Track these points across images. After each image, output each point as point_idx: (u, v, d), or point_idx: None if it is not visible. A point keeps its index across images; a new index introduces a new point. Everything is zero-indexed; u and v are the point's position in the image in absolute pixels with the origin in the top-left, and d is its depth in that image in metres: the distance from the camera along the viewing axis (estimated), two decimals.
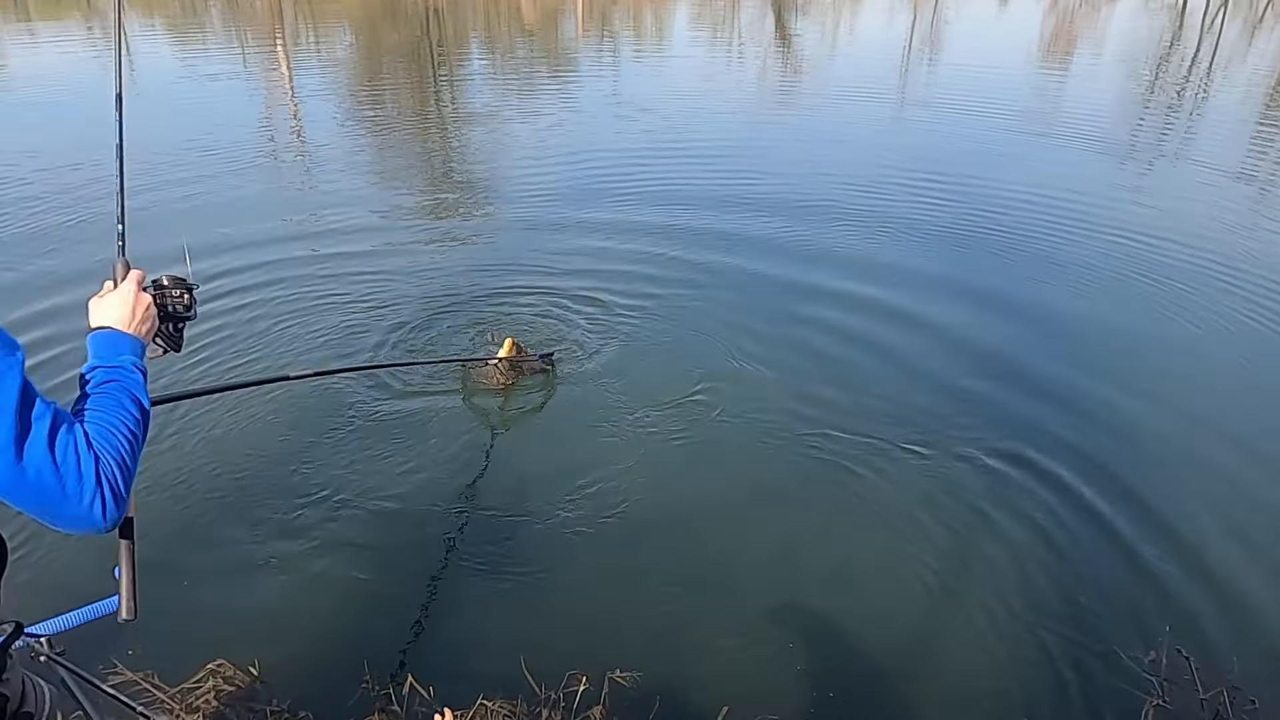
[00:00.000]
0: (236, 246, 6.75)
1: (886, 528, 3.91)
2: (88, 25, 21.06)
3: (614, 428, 4.56)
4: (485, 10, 27.18)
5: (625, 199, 8.25)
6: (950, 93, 14.73)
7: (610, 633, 3.28)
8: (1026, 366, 5.31)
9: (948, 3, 33.95)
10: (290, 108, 12.78)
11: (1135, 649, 3.26)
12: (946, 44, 22.56)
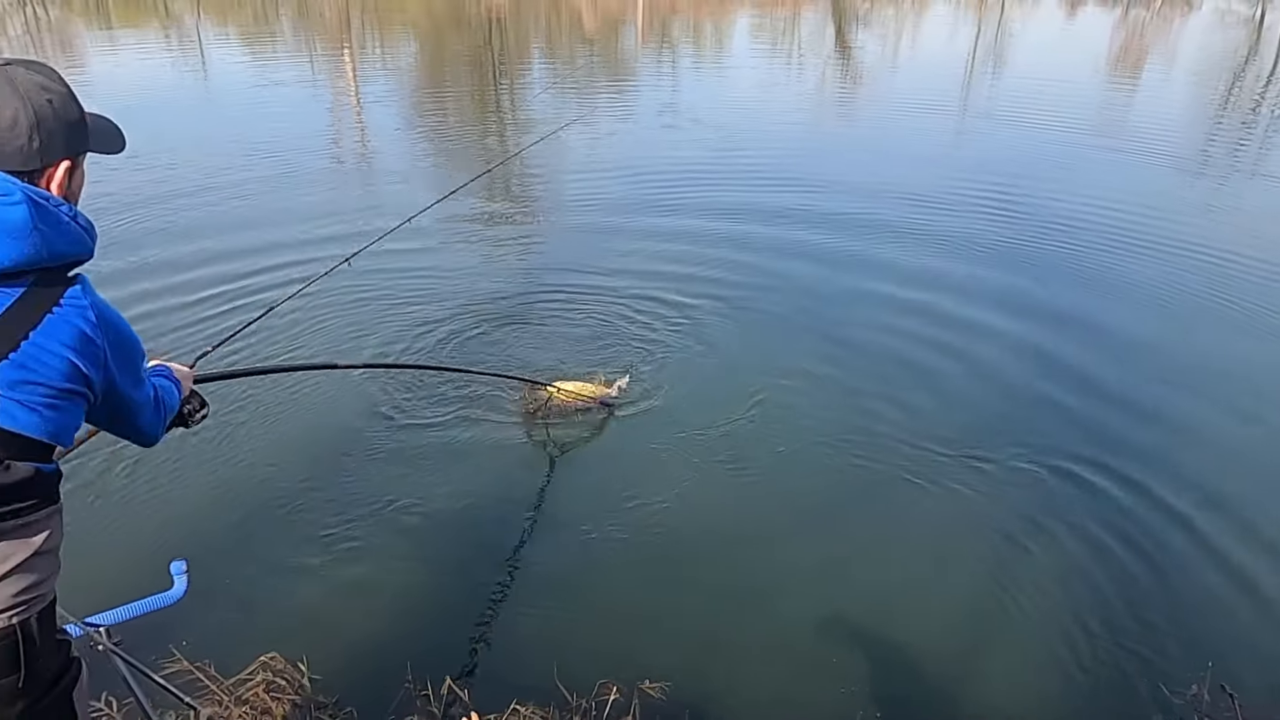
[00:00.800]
0: (299, 243, 6.96)
1: (930, 546, 3.90)
2: (164, 32, 21.74)
3: (662, 441, 4.60)
4: (547, 20, 27.49)
5: (682, 208, 8.30)
6: (1015, 105, 14.54)
7: (643, 644, 3.31)
8: (1086, 382, 5.26)
9: (1012, 15, 33.51)
10: (355, 113, 13.09)
11: (1179, 681, 3.19)
12: (1011, 56, 22.25)
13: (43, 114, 1.44)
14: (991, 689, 3.19)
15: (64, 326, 1.40)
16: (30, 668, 1.42)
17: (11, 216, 1.34)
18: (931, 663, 3.29)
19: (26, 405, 1.37)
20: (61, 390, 1.41)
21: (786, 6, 31.74)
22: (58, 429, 1.41)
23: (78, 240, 1.45)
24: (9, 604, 1.38)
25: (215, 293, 5.97)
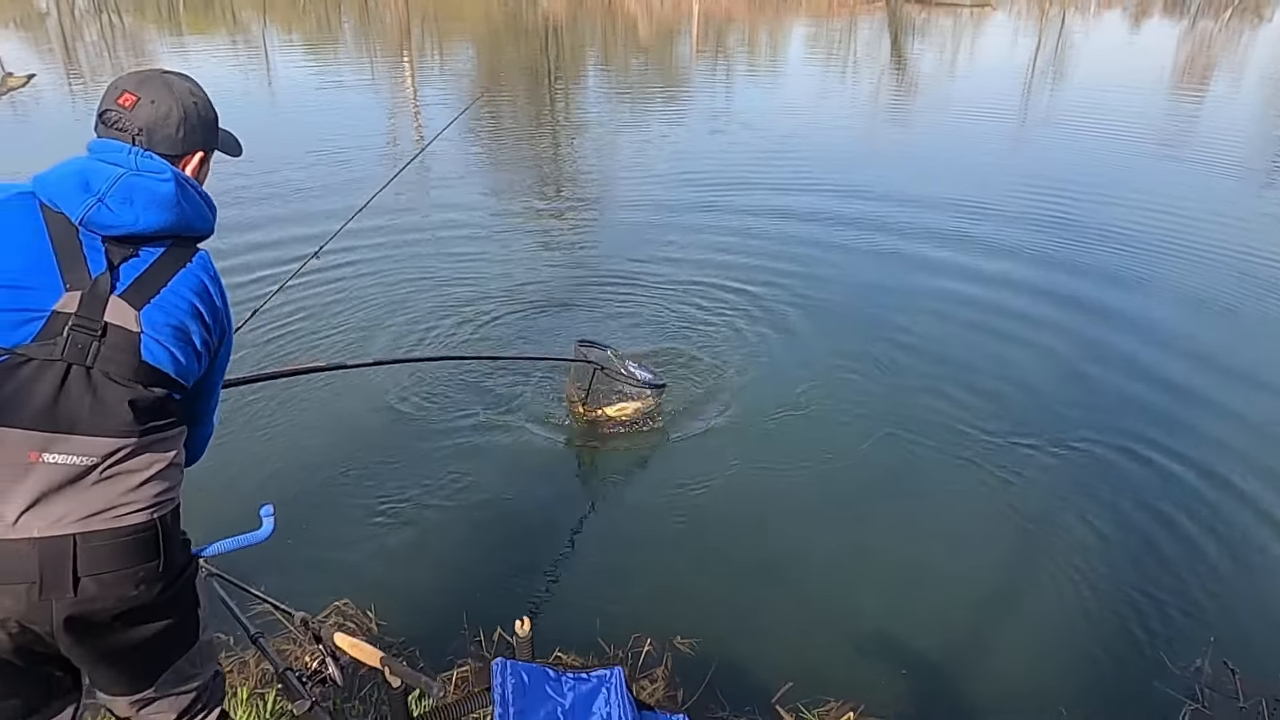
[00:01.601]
0: (355, 243, 7.12)
1: (958, 524, 4.07)
2: (232, 39, 22.33)
3: (710, 421, 4.78)
4: (603, 28, 27.70)
5: (735, 209, 8.37)
6: (1076, 114, 14.30)
7: (677, 607, 3.49)
8: (1128, 375, 5.35)
9: (1074, 25, 32.97)
10: (413, 117, 13.32)
11: (1185, 657, 3.30)
12: (1073, 67, 21.85)
13: (189, 112, 1.78)
14: (1004, 659, 3.33)
15: (193, 280, 1.71)
16: (167, 555, 1.67)
17: (163, 190, 1.66)
18: (949, 634, 3.44)
19: (163, 344, 1.64)
20: (188, 339, 1.69)
21: (842, 16, 31.62)
22: (181, 371, 1.68)
23: (206, 217, 1.78)
24: (151, 503, 1.64)
25: (261, 275, 6.16)
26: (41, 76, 14.67)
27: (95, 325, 1.57)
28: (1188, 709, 3.06)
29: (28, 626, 1.55)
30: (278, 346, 5.34)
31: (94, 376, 1.56)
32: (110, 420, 1.57)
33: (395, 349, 5.44)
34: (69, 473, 1.54)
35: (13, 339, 1.52)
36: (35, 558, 1.51)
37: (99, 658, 1.67)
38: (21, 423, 1.51)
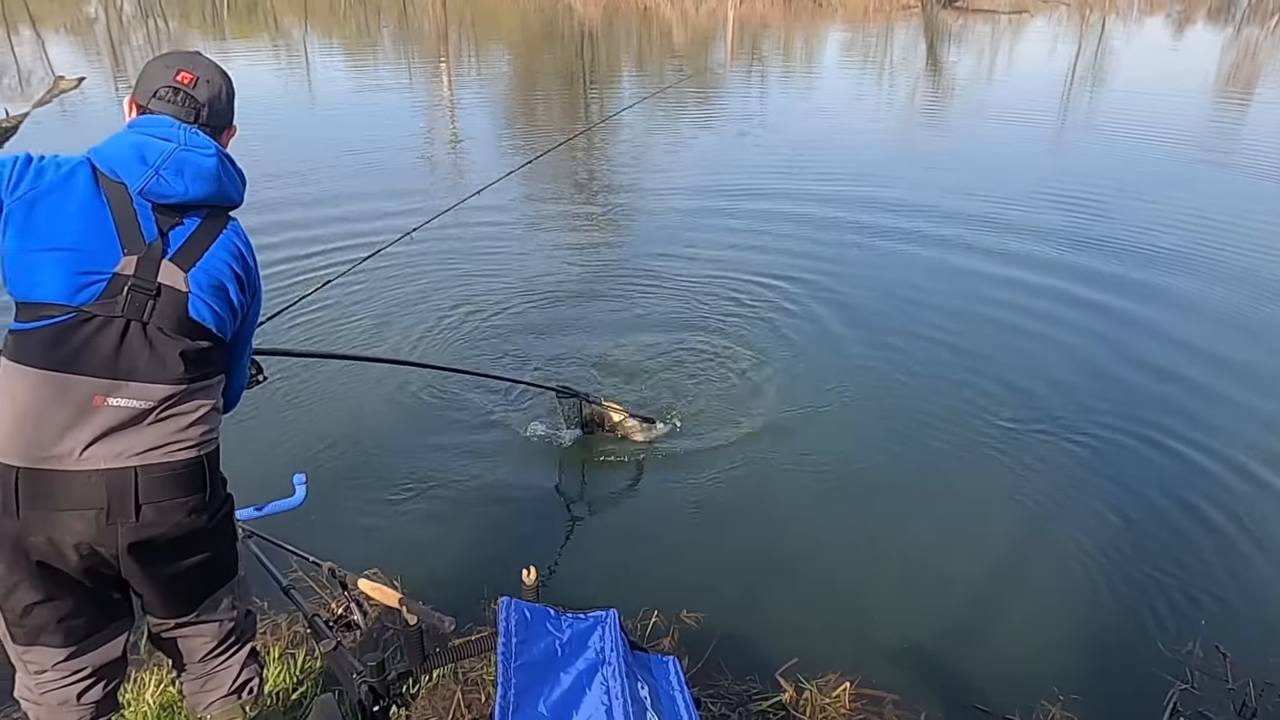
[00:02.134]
0: (384, 241, 7.32)
1: (961, 512, 4.23)
2: (274, 43, 22.78)
3: (729, 409, 4.96)
4: (638, 34, 27.90)
5: (763, 215, 8.43)
6: (1117, 121, 14.12)
7: (687, 584, 3.65)
8: (1154, 373, 5.49)
9: (1115, 32, 32.65)
10: (449, 120, 13.55)
11: (1177, 640, 3.40)
12: (1114, 73, 21.61)
13: (228, 88, 2.00)
14: (1001, 639, 3.47)
15: (230, 245, 1.93)
16: (211, 488, 1.90)
17: (208, 164, 1.86)
18: (949, 615, 3.57)
19: (206, 303, 1.86)
20: (226, 298, 1.90)
21: (878, 21, 31.59)
22: (221, 326, 1.90)
23: (239, 189, 1.98)
24: (197, 441, 1.86)
25: (289, 267, 6.37)
26: (90, 80, 15.10)
27: (150, 286, 1.79)
28: (1176, 689, 3.15)
29: (96, 549, 1.77)
30: (313, 330, 5.58)
31: (149, 331, 1.78)
32: (164, 370, 1.79)
33: (421, 342, 5.64)
34: (129, 414, 1.76)
35: (79, 299, 1.73)
36: (102, 487, 1.74)
37: (152, 580, 1.88)
38: (88, 371, 1.73)
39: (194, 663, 2.10)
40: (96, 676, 1.96)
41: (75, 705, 1.94)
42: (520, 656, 1.68)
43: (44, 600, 1.81)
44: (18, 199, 1.73)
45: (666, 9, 31.32)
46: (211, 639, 2.08)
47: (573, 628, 1.79)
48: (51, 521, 1.72)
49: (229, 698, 2.12)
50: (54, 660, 1.88)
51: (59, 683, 1.91)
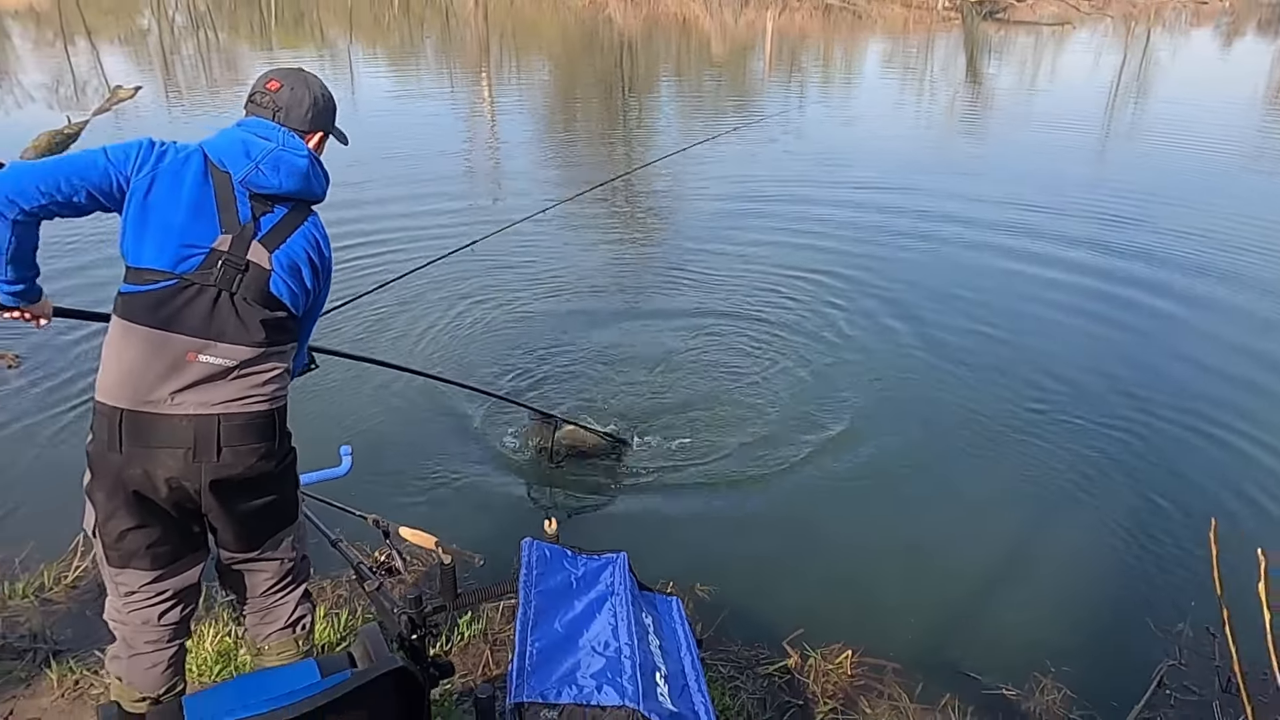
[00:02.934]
0: (420, 247, 7.61)
1: (971, 496, 4.45)
2: (319, 54, 23.35)
3: (751, 393, 5.30)
4: (676, 45, 28.18)
5: (804, 220, 8.60)
6: (1161, 132, 14.07)
7: (700, 558, 3.88)
8: (1175, 363, 5.77)
9: (1161, 44, 32.34)
10: (489, 129, 13.89)
11: (1167, 621, 3.60)
12: (1159, 85, 21.37)
13: (317, 99, 2.28)
14: (1001, 617, 3.68)
15: (310, 235, 2.22)
16: (279, 438, 2.20)
17: (300, 163, 2.16)
18: (953, 594, 3.79)
19: (284, 281, 2.14)
20: (301, 279, 2.19)
21: (918, 33, 31.61)
22: (294, 302, 2.19)
23: (323, 186, 2.27)
24: (270, 397, 2.15)
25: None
26: (143, 89, 15.65)
27: (240, 262, 2.09)
28: (1165, 665, 3.33)
29: (182, 484, 2.06)
30: (361, 331, 5.90)
31: (236, 300, 2.07)
32: (247, 334, 2.08)
33: (439, 348, 5.89)
34: (215, 370, 2.05)
35: (182, 268, 2.04)
36: (191, 430, 2.04)
37: (227, 515, 2.17)
38: (184, 330, 2.03)
39: (255, 597, 2.39)
40: (176, 599, 2.24)
41: (156, 625, 2.22)
42: (539, 585, 1.92)
43: (137, 527, 2.10)
44: (141, 177, 2.05)
45: (705, 20, 31.58)
46: (272, 575, 2.36)
47: (586, 565, 2.03)
48: (148, 457, 2.02)
49: (284, 630, 2.40)
50: (142, 582, 2.17)
51: (144, 603, 2.20)
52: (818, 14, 33.12)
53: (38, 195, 1.96)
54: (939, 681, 3.26)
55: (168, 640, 2.28)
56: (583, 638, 1.78)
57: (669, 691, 1.75)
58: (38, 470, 4.40)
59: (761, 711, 3.04)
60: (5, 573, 3.60)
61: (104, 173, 2.03)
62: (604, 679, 1.66)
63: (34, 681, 2.98)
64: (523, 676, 1.66)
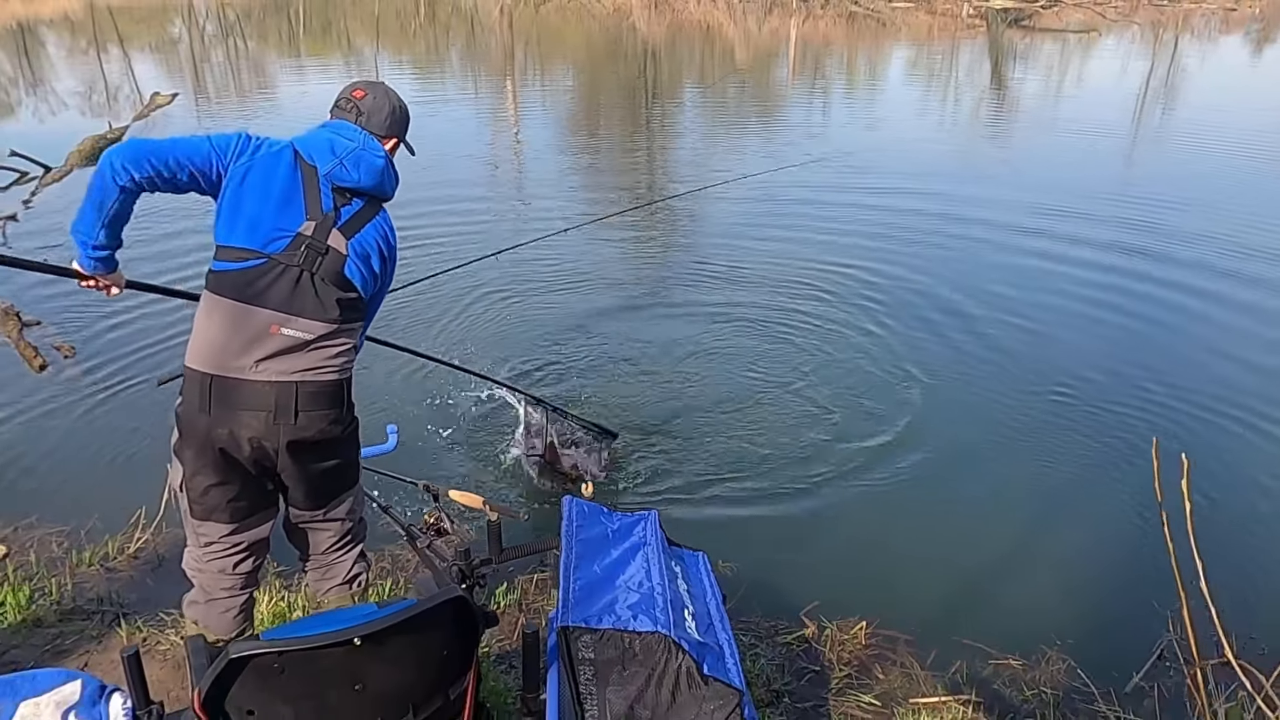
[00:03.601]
0: (450, 254, 7.86)
1: (986, 477, 4.67)
2: (346, 62, 23.77)
3: (773, 381, 5.56)
4: (700, 53, 28.42)
5: (825, 237, 8.55)
6: (1190, 138, 13.85)
7: (723, 534, 4.12)
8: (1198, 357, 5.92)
9: (1189, 50, 32.18)
10: (513, 136, 14.14)
11: (1171, 598, 3.59)
12: (1188, 92, 21.21)
13: (394, 109, 2.56)
14: (1011, 593, 3.88)
15: (380, 228, 2.48)
16: (346, 406, 2.45)
17: (377, 162, 2.44)
18: (969, 573, 3.99)
19: (356, 266, 2.39)
20: (370, 266, 2.44)
21: (942, 40, 31.68)
22: (364, 286, 2.44)
23: (393, 187, 2.54)
24: (340, 369, 2.40)
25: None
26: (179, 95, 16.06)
27: (321, 246, 2.33)
28: (1165, 639, 3.47)
29: (263, 443, 2.30)
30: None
31: (315, 281, 2.31)
32: (324, 311, 2.32)
33: (485, 340, 6.17)
34: (295, 342, 2.29)
35: (271, 248, 2.29)
36: (272, 395, 2.27)
37: (300, 474, 2.41)
38: (269, 305, 2.28)
39: (317, 554, 2.62)
40: (249, 551, 2.48)
41: (230, 573, 2.46)
42: (579, 535, 2.13)
43: (220, 483, 2.33)
44: (238, 165, 2.31)
45: (729, 27, 31.78)
46: (334, 535, 2.59)
47: (621, 520, 2.24)
48: (233, 418, 2.26)
49: (342, 586, 2.62)
50: (221, 534, 2.41)
51: (221, 553, 2.43)
52: (841, 21, 33.25)
53: (148, 167, 2.23)
54: (949, 651, 3.44)
55: (240, 588, 2.51)
56: (619, 579, 1.98)
57: (696, 627, 1.95)
58: (98, 451, 4.68)
59: (780, 677, 3.23)
60: (73, 543, 3.86)
61: (206, 157, 2.29)
62: (639, 609, 1.86)
63: (104, 638, 3.22)
64: (567, 606, 1.87)
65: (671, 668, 1.81)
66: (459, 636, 1.87)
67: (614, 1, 35.69)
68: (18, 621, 3.30)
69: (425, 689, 1.86)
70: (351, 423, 2.48)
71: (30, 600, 3.41)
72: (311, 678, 1.72)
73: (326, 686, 1.75)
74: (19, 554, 3.78)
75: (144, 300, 6.48)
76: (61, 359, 5.61)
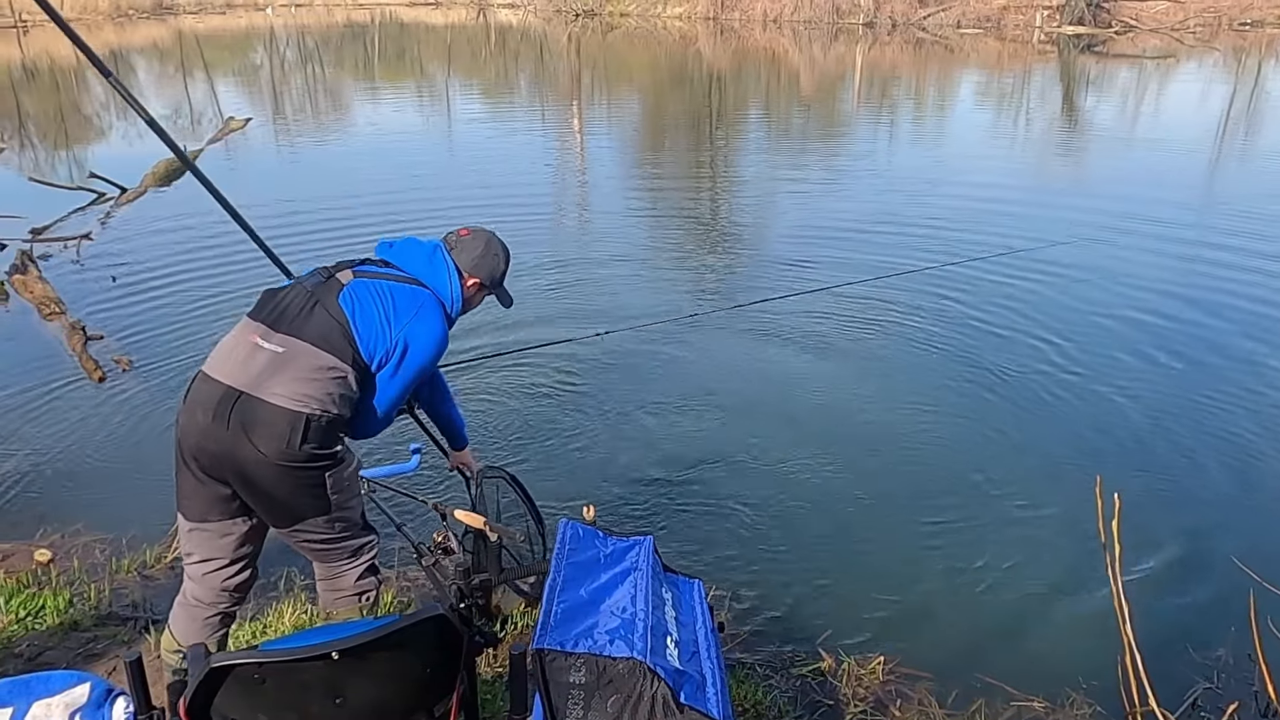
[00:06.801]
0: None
1: (1014, 512, 4.51)
2: (419, 87, 24.34)
3: (803, 409, 5.53)
4: (765, 80, 28.46)
5: (883, 270, 8.27)
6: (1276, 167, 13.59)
7: (741, 559, 4.11)
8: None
9: (1271, 75, 31.16)
10: (579, 162, 14.32)
11: (1206, 645, 3.62)
12: (1271, 119, 20.40)
13: (490, 254, 2.75)
14: (1038, 633, 3.75)
15: (400, 290, 2.55)
16: (298, 444, 2.35)
17: (419, 254, 2.65)
18: (992, 607, 3.89)
19: (352, 299, 2.47)
20: (367, 310, 2.48)
21: (1014, 67, 31.23)
22: (355, 327, 2.46)
23: (436, 282, 2.62)
24: (305, 399, 2.36)
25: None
26: (252, 120, 16.62)
27: (328, 274, 2.53)
28: (1200, 687, 3.37)
29: (201, 443, 2.36)
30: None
31: (314, 305, 2.43)
32: (303, 329, 2.40)
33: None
34: (266, 355, 2.35)
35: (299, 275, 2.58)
36: (215, 396, 2.33)
37: (243, 489, 2.42)
38: (258, 317, 2.45)
39: (319, 566, 2.65)
40: (217, 558, 2.52)
41: (198, 580, 2.57)
42: (570, 559, 2.14)
43: (177, 473, 2.44)
44: None
45: (794, 54, 31.80)
46: (319, 548, 2.55)
47: (615, 545, 2.24)
48: (185, 411, 2.38)
49: (350, 598, 2.64)
50: (184, 529, 2.50)
51: (190, 553, 2.53)
52: (909, 48, 32.98)
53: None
54: (969, 690, 3.35)
55: (207, 602, 2.56)
56: (604, 604, 1.99)
57: (678, 655, 1.95)
58: (142, 462, 4.84)
59: (793, 709, 3.19)
60: (114, 551, 4.01)
61: None
62: (617, 635, 1.86)
63: (134, 644, 3.33)
64: (545, 630, 1.88)
65: (647, 695, 1.81)
66: (442, 654, 1.90)
67: (680, 28, 35.97)
68: (55, 624, 3.43)
69: (407, 704, 1.89)
70: (308, 464, 2.37)
71: (69, 604, 3.55)
72: (292, 690, 1.77)
73: (307, 699, 1.79)
74: (63, 559, 3.94)
75: (203, 316, 6.73)
76: (120, 371, 5.83)
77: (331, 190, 10.93)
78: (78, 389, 5.62)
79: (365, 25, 41.09)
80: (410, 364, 2.49)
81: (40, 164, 13.42)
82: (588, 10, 39.95)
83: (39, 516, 4.31)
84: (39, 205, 9.83)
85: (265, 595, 3.59)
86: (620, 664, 1.83)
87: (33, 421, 5.25)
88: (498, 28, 40.72)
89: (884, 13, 34.91)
